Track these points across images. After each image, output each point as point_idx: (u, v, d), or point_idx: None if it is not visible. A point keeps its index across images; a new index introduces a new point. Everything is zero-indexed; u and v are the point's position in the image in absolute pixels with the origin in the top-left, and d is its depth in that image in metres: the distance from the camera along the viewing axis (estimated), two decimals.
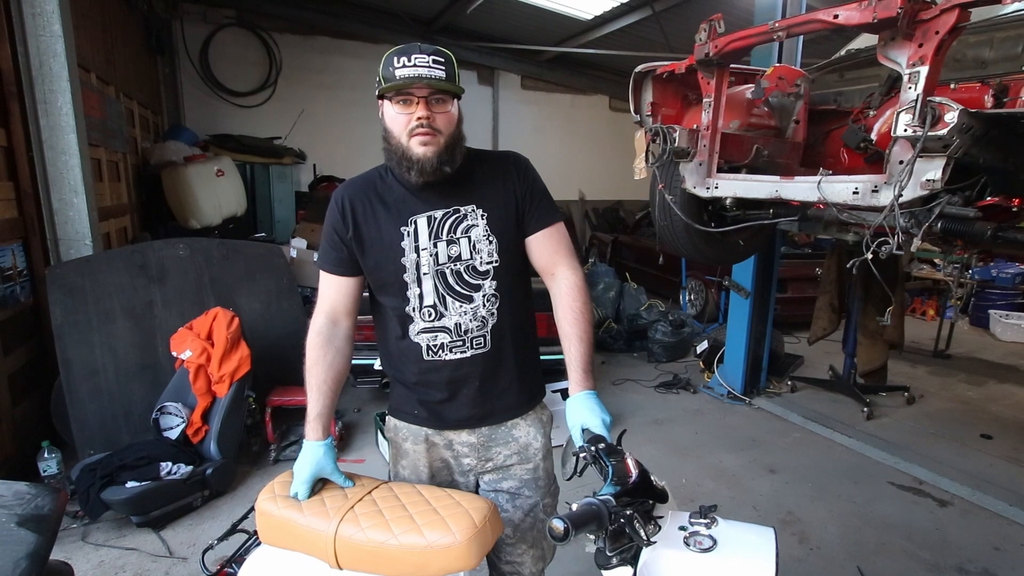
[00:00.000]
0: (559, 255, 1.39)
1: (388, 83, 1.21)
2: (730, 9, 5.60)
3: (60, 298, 3.06)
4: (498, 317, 1.37)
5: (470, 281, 1.34)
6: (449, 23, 8.05)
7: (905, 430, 3.88)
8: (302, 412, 1.37)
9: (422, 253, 1.33)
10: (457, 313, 1.34)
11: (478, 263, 1.34)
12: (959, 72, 2.55)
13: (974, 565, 2.53)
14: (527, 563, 1.47)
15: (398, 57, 1.21)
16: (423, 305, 1.34)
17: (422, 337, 1.36)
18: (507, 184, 1.38)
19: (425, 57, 1.20)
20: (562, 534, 0.90)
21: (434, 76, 1.20)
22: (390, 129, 1.26)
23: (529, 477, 1.46)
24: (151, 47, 6.55)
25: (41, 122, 3.18)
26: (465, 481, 1.47)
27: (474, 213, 1.34)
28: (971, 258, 2.85)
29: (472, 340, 1.36)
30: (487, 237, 1.34)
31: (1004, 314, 6.31)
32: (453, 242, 1.33)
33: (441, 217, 1.33)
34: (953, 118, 1.69)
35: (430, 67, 1.20)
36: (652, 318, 5.51)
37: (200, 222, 5.74)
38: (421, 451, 1.45)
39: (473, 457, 1.45)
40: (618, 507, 0.98)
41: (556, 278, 1.38)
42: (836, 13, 1.88)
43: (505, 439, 1.44)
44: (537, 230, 1.38)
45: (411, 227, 1.33)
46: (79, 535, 2.58)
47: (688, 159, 2.64)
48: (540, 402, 1.52)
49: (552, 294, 1.40)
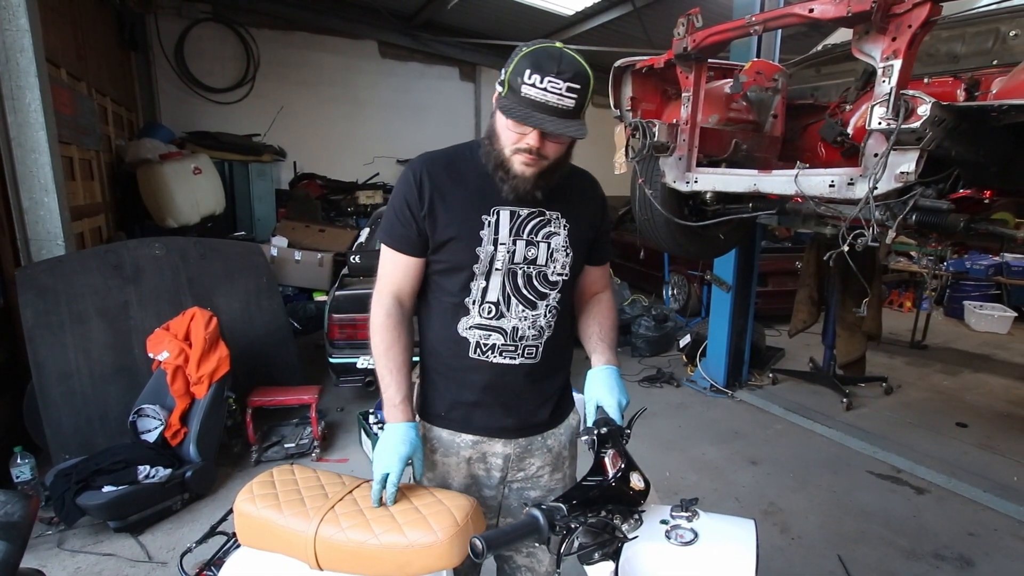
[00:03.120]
0: (605, 283, 1.48)
1: (510, 99, 1.10)
2: (709, 4, 5.61)
3: (31, 299, 2.99)
4: (554, 330, 1.33)
5: (539, 288, 1.30)
6: (430, 19, 8.00)
7: (883, 420, 3.95)
8: (284, 412, 1.35)
9: (499, 247, 1.25)
10: (518, 317, 1.29)
11: (551, 272, 1.30)
12: (932, 67, 2.60)
13: (950, 551, 2.58)
14: (545, 562, 1.46)
15: (531, 71, 1.07)
16: (484, 300, 1.27)
17: (473, 332, 1.29)
18: (592, 208, 1.38)
19: (559, 83, 1.06)
20: (479, 551, 0.88)
21: (563, 106, 1.08)
22: (497, 134, 1.18)
23: (556, 486, 1.44)
24: (124, 42, 6.40)
25: (9, 119, 3.09)
26: (495, 495, 1.41)
27: (558, 221, 1.29)
28: (946, 250, 2.90)
29: (524, 348, 1.30)
30: (565, 248, 1.30)
31: (978, 305, 6.46)
32: (532, 244, 1.27)
33: (526, 215, 1.27)
34: (926, 111, 1.71)
35: (561, 96, 1.07)
36: (635, 313, 5.54)
37: (178, 221, 5.64)
38: (452, 464, 1.37)
39: (505, 468, 1.39)
40: (568, 516, 0.95)
41: (597, 295, 1.46)
42: (811, 7, 1.89)
43: (540, 449, 1.40)
44: (598, 263, 1.44)
45: (493, 217, 1.25)
46: (54, 542, 2.52)
47: (668, 154, 2.64)
48: (573, 408, 1.49)
49: (587, 304, 1.46)
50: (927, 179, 1.99)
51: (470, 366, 1.30)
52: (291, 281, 5.69)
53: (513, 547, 1.01)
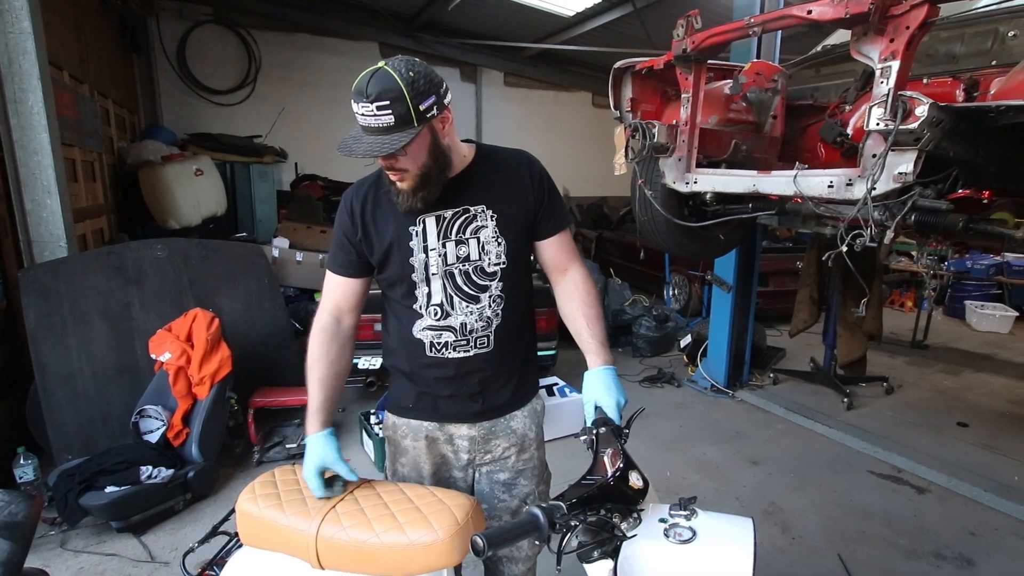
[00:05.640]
0: (570, 255, 1.46)
1: (354, 129, 1.20)
2: (709, 5, 5.63)
3: (34, 301, 3.00)
4: (502, 318, 1.38)
5: (478, 282, 1.36)
6: (431, 20, 8.01)
7: (884, 420, 3.95)
8: (286, 413, 1.38)
9: (431, 253, 1.33)
10: (463, 313, 1.36)
11: (486, 264, 1.35)
12: (931, 67, 2.60)
13: (951, 550, 2.58)
14: (523, 547, 1.49)
15: (354, 100, 1.15)
16: (430, 304, 1.35)
17: (426, 334, 1.37)
18: (521, 189, 1.38)
19: (369, 105, 1.12)
20: (480, 549, 0.89)
21: (380, 124, 1.14)
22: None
23: (525, 467, 1.49)
24: (126, 45, 6.42)
25: (11, 121, 3.11)
26: (464, 476, 1.48)
27: (484, 214, 1.34)
28: (946, 250, 2.90)
29: (476, 340, 1.37)
30: (496, 239, 1.34)
31: (979, 304, 6.45)
32: (462, 242, 1.33)
33: (451, 217, 1.33)
34: (924, 112, 1.72)
35: (376, 116, 1.13)
36: (636, 313, 5.54)
37: (179, 222, 5.65)
38: (422, 447, 1.45)
39: (472, 451, 1.46)
40: (567, 514, 0.96)
41: (567, 273, 1.45)
42: (810, 9, 1.90)
43: (504, 431, 1.46)
44: (551, 235, 1.43)
45: (419, 227, 1.32)
46: (57, 542, 2.54)
47: (667, 154, 2.65)
48: (536, 394, 1.54)
49: (560, 286, 1.46)
50: (926, 179, 2.00)
51: (429, 363, 1.39)
52: (292, 282, 5.69)
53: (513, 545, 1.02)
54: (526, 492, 1.49)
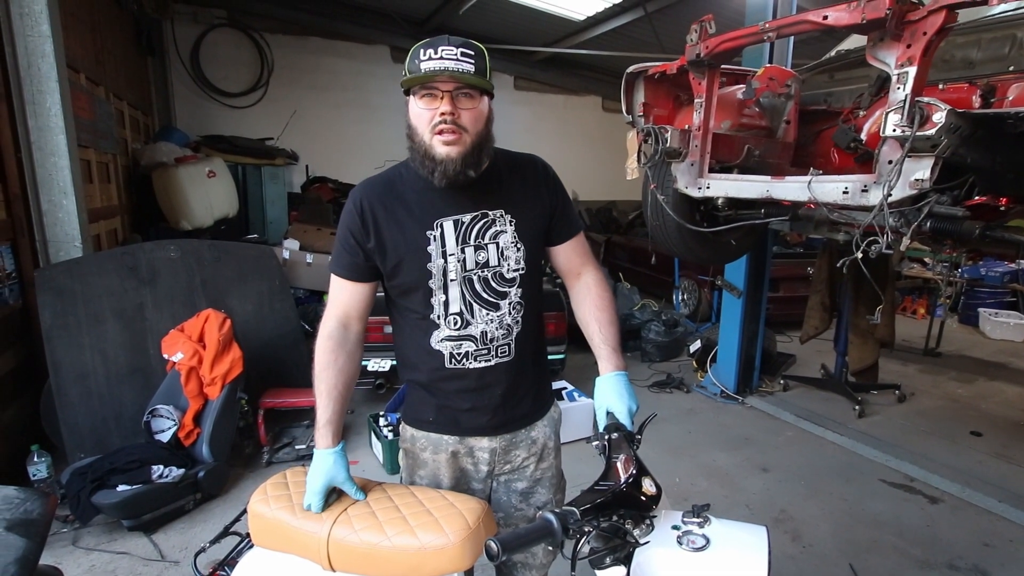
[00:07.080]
0: (585, 259, 1.44)
1: (412, 75, 1.15)
2: (721, 10, 5.62)
3: (49, 301, 3.04)
4: (522, 325, 1.35)
5: (497, 288, 1.32)
6: (442, 23, 8.04)
7: (896, 428, 3.91)
8: (296, 414, 1.37)
9: (449, 259, 1.27)
10: (484, 321, 1.31)
11: (505, 270, 1.31)
12: (947, 73, 2.57)
13: (964, 561, 2.55)
14: (539, 554, 1.48)
15: (424, 49, 1.14)
16: (448, 313, 1.30)
17: (445, 345, 1.32)
18: (537, 193, 1.36)
19: (453, 49, 1.13)
20: (494, 554, 0.88)
21: (461, 69, 1.13)
22: (414, 126, 1.20)
23: (543, 476, 1.47)
24: (141, 48, 6.50)
25: (30, 123, 3.15)
26: (483, 487, 1.45)
27: (503, 219, 1.31)
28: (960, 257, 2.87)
29: (497, 348, 1.33)
30: (515, 244, 1.32)
31: (993, 312, 6.37)
32: (481, 248, 1.29)
33: (469, 221, 1.29)
34: (941, 118, 1.70)
35: (457, 60, 1.13)
36: (645, 318, 5.52)
37: (191, 223, 5.70)
38: (442, 460, 1.41)
39: (493, 462, 1.42)
40: (580, 520, 0.95)
41: (582, 276, 1.43)
42: (825, 14, 1.89)
43: (525, 441, 1.43)
44: (566, 239, 1.41)
45: (437, 231, 1.27)
46: (70, 539, 2.56)
47: (680, 159, 2.65)
48: (554, 402, 1.53)
49: (576, 290, 1.44)
50: (942, 186, 1.97)
51: (449, 375, 1.34)
52: (303, 283, 5.71)
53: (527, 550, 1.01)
54: (543, 501, 1.47)
